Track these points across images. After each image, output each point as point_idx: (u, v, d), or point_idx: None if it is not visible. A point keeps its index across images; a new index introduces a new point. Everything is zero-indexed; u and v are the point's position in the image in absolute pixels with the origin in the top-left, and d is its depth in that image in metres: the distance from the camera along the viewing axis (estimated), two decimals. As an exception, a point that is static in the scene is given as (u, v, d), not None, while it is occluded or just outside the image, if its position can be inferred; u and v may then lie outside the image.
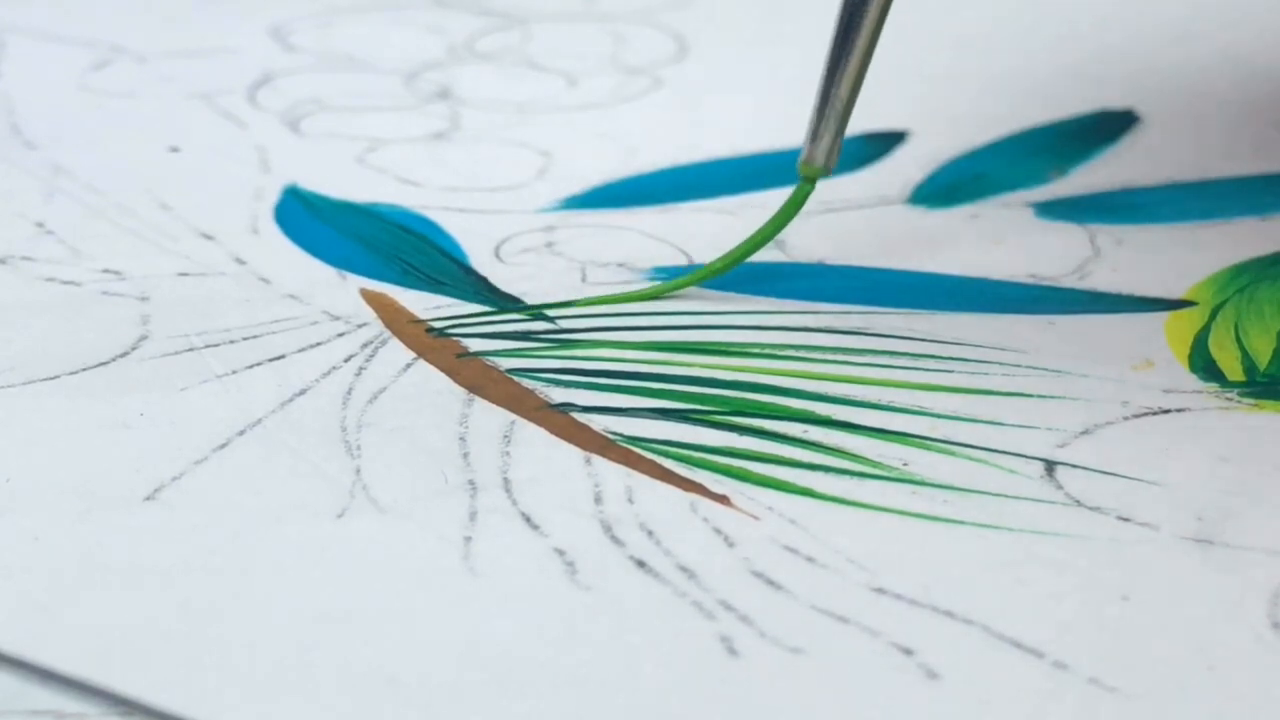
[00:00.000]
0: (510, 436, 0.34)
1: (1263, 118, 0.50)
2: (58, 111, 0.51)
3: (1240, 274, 0.40)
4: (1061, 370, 0.37)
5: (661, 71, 0.54)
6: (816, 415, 0.35)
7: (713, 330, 0.38)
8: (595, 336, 0.38)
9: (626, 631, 0.29)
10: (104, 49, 0.55)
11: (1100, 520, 0.32)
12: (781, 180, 0.46)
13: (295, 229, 0.43)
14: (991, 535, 0.31)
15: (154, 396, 0.36)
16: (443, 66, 0.54)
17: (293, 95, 0.52)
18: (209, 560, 0.31)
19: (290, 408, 0.35)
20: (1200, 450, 0.34)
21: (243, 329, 0.38)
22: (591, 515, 0.32)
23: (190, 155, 0.48)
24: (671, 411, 0.35)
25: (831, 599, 0.30)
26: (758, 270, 0.41)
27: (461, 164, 0.47)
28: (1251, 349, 0.37)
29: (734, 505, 0.32)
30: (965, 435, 0.34)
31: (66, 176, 0.46)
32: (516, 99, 0.52)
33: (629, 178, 0.46)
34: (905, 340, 0.38)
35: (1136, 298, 0.40)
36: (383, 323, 0.38)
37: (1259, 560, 0.31)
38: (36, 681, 0.28)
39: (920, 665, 0.28)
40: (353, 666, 0.28)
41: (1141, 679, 0.28)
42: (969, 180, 0.46)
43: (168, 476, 0.33)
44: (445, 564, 0.31)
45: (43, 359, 0.37)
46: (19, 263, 0.41)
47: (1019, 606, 0.29)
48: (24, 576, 0.30)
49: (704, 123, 0.50)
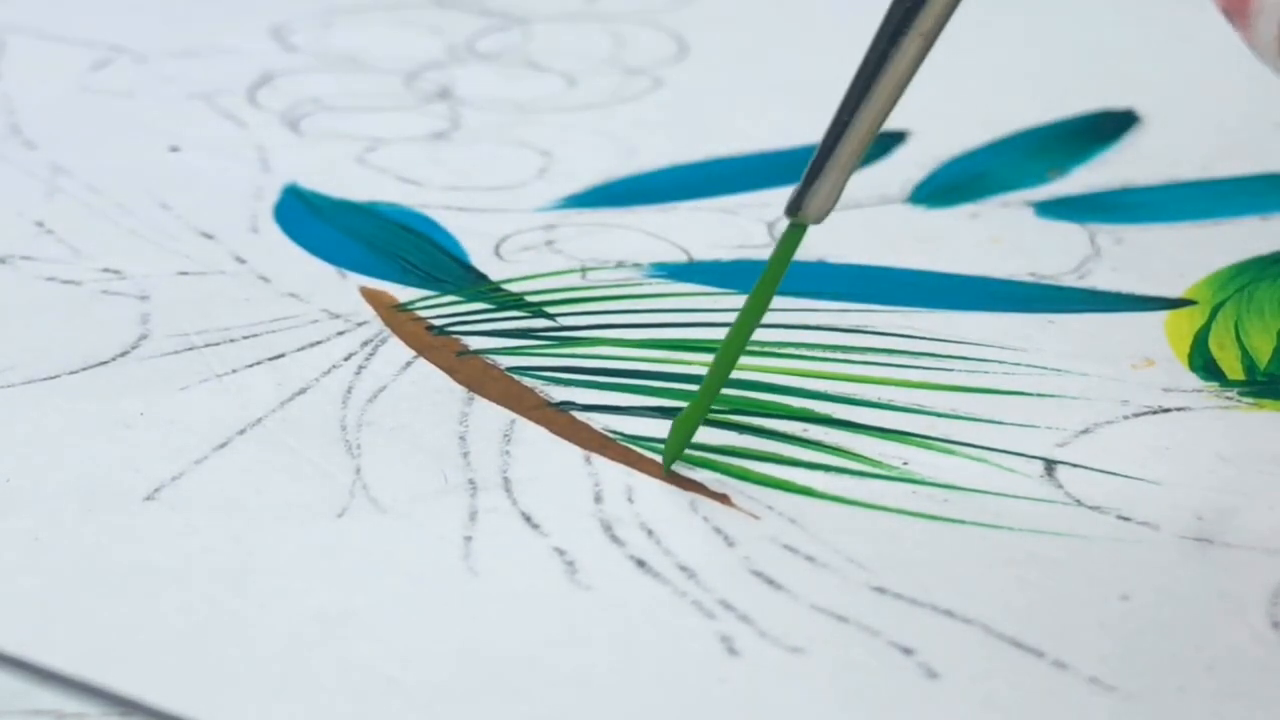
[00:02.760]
0: (510, 435, 0.34)
1: (1263, 118, 0.50)
2: (58, 111, 0.51)
3: (1240, 273, 0.40)
4: (1061, 369, 0.37)
5: (661, 71, 0.54)
6: (816, 414, 0.35)
7: (713, 329, 0.38)
8: (595, 334, 0.38)
9: (626, 631, 0.29)
10: (104, 49, 0.55)
11: (1100, 520, 0.32)
12: (781, 180, 0.46)
13: (295, 228, 0.43)
14: (991, 535, 0.31)
15: (154, 396, 0.36)
16: (443, 66, 0.54)
17: (293, 95, 0.52)
18: (209, 560, 0.31)
19: (290, 407, 0.35)
20: (1200, 450, 0.34)
21: (243, 328, 0.38)
22: (591, 514, 0.32)
23: (190, 155, 0.48)
24: (672, 410, 0.35)
25: (831, 599, 0.30)
26: (758, 269, 0.41)
27: (461, 163, 0.47)
28: (1251, 348, 0.37)
29: (734, 504, 0.32)
30: (965, 434, 0.34)
31: (66, 176, 0.46)
32: (516, 99, 0.52)
33: (628, 177, 0.46)
34: (905, 339, 0.38)
35: (1136, 296, 0.40)
36: (382, 321, 0.38)
37: (1259, 560, 0.31)
38: (36, 681, 0.28)
39: (920, 665, 0.28)
40: (353, 666, 0.28)
41: (1141, 679, 0.28)
42: (969, 180, 0.46)
43: (168, 476, 0.33)
44: (445, 564, 0.31)
45: (43, 359, 0.37)
46: (19, 262, 0.41)
47: (1019, 606, 0.29)
48: (24, 576, 0.30)
49: (704, 123, 0.50)
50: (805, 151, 0.48)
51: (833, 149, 0.32)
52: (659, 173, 0.47)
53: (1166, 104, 0.49)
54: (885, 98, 0.32)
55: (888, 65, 0.31)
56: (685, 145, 0.48)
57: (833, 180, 0.32)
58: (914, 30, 0.31)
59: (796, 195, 0.32)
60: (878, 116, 0.32)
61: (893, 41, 0.31)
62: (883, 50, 0.31)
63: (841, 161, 0.32)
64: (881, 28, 0.32)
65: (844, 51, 0.57)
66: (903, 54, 0.31)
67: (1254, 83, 0.53)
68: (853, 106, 0.32)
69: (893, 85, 0.31)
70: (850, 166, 0.32)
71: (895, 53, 0.31)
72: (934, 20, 0.31)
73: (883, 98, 0.32)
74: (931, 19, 0.31)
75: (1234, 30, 0.35)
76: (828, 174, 0.32)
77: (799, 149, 0.48)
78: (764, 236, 0.43)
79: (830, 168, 0.32)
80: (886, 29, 0.31)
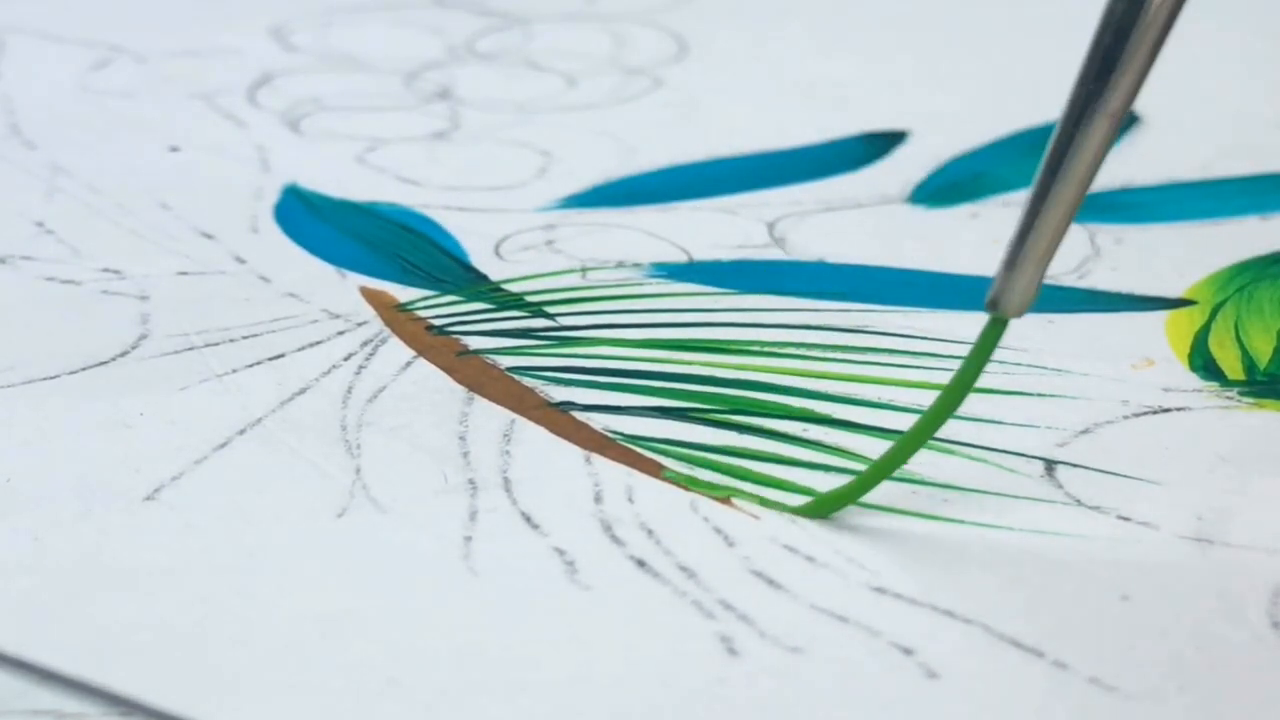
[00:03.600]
0: (510, 435, 0.34)
1: (1263, 118, 0.50)
2: (58, 111, 0.51)
3: (1240, 273, 0.40)
4: (1062, 369, 0.37)
5: (661, 71, 0.54)
6: (817, 414, 0.35)
7: (713, 328, 0.38)
8: (595, 334, 0.38)
9: (626, 631, 0.29)
10: (104, 49, 0.55)
11: (1100, 520, 0.32)
12: (781, 180, 0.46)
13: (295, 228, 0.43)
14: (991, 535, 0.31)
15: (154, 396, 0.36)
16: (443, 66, 0.54)
17: (293, 95, 0.52)
18: (209, 560, 0.31)
19: (290, 407, 0.35)
20: (1200, 449, 0.34)
21: (243, 328, 0.38)
22: (591, 514, 0.32)
23: (190, 155, 0.48)
24: (672, 410, 0.35)
25: (831, 599, 0.30)
26: (758, 269, 0.41)
27: (461, 163, 0.47)
28: (1251, 348, 0.37)
29: (734, 504, 0.32)
30: (965, 434, 0.34)
31: (66, 176, 0.46)
32: (516, 99, 0.52)
33: (628, 177, 0.46)
34: (905, 339, 0.38)
35: (1136, 296, 0.40)
36: (382, 321, 0.38)
37: (1259, 559, 0.31)
38: (36, 681, 0.28)
39: (920, 665, 0.28)
40: (353, 666, 0.28)
41: (1141, 679, 0.28)
42: (969, 180, 0.46)
43: (168, 476, 0.33)
44: (445, 564, 0.31)
45: (43, 359, 0.37)
46: (19, 262, 0.41)
47: (1019, 606, 0.29)
48: (24, 576, 0.30)
49: (704, 123, 0.50)
50: (806, 151, 0.48)
51: (1026, 238, 0.30)
52: (659, 173, 0.47)
53: (1166, 104, 0.49)
54: (1077, 183, 0.30)
55: (1077, 149, 0.30)
56: (685, 145, 0.48)
57: (1030, 272, 0.30)
58: (1102, 111, 0.30)
59: (996, 289, 0.31)
60: (1072, 203, 0.30)
61: (1078, 125, 0.30)
62: (1070, 133, 0.30)
63: (1039, 252, 0.30)
64: (1068, 110, 0.30)
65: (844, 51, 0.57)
66: (1092, 136, 0.30)
67: (1254, 83, 0.53)
68: (1043, 194, 0.30)
69: (1084, 169, 0.30)
70: (1048, 257, 0.30)
71: (1083, 135, 0.30)
72: (1121, 100, 0.30)
73: (1074, 183, 0.30)
74: (1119, 99, 0.30)
75: None
76: (1024, 265, 0.30)
77: (799, 149, 0.48)
78: (764, 236, 0.43)
79: (1026, 258, 0.30)
80: (1073, 112, 0.30)
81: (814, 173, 0.46)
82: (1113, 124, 0.30)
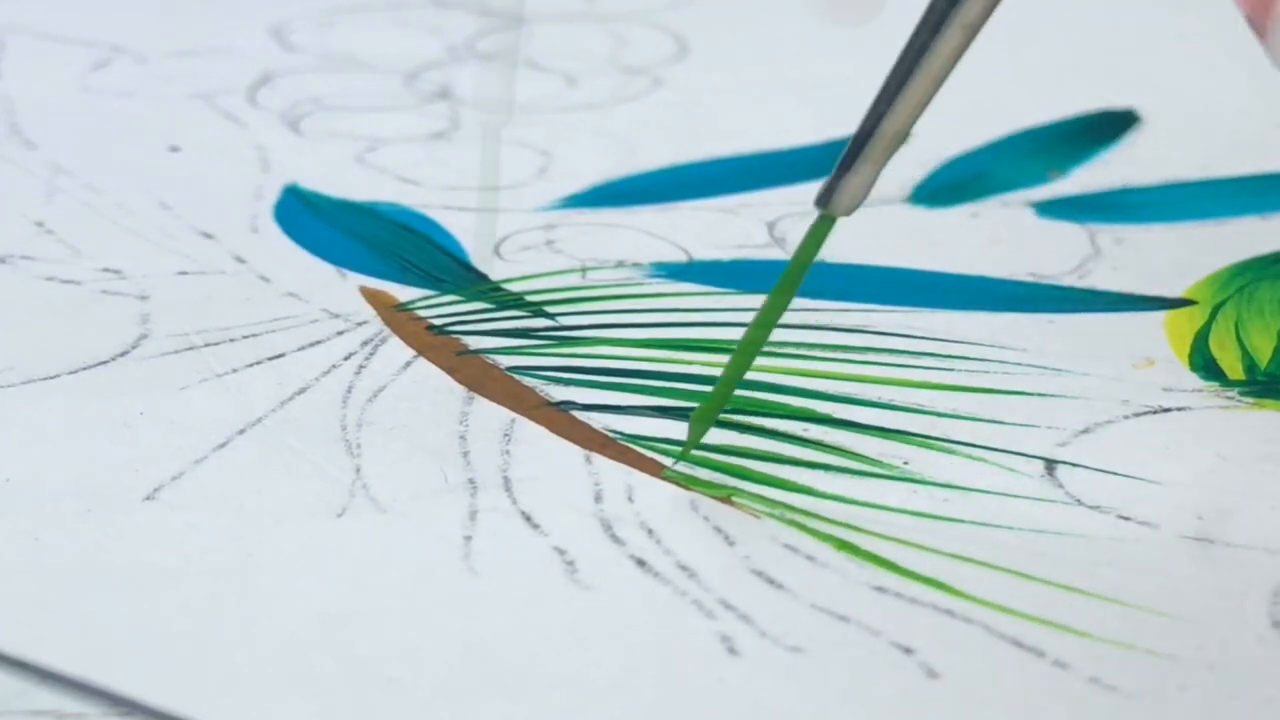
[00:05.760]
0: (510, 435, 0.34)
1: (1263, 118, 0.50)
2: (58, 111, 0.51)
3: (1240, 273, 0.40)
4: (1062, 369, 0.37)
5: (661, 71, 0.54)
6: (817, 413, 0.35)
7: (713, 328, 0.38)
8: (595, 334, 0.38)
9: (626, 631, 0.29)
10: (104, 49, 0.55)
11: (1100, 519, 0.32)
12: (781, 180, 0.46)
13: (295, 228, 0.43)
14: (991, 535, 0.31)
15: (154, 396, 0.36)
16: (443, 66, 0.54)
17: (293, 95, 0.52)
18: (209, 560, 0.31)
19: (290, 406, 0.35)
20: (1200, 449, 0.34)
21: (242, 328, 0.38)
22: (591, 514, 0.32)
23: (190, 155, 0.48)
24: (672, 410, 0.35)
25: (831, 599, 0.30)
26: (758, 268, 0.41)
27: (461, 163, 0.47)
28: (1252, 348, 0.37)
29: (734, 504, 0.32)
30: (965, 434, 0.34)
31: (66, 176, 0.46)
32: (516, 99, 0.52)
33: (628, 177, 0.46)
34: (905, 338, 0.38)
35: (1137, 296, 0.40)
36: (382, 321, 0.38)
37: (1259, 559, 0.31)
38: (36, 681, 0.28)
39: (920, 665, 0.28)
40: (353, 666, 0.28)
41: (1141, 679, 0.28)
42: (969, 180, 0.46)
43: (168, 476, 0.33)
44: (445, 563, 0.31)
45: (43, 359, 0.37)
46: (19, 262, 0.41)
47: (1019, 606, 0.29)
48: (24, 576, 0.30)
49: (704, 123, 0.50)
50: (806, 151, 0.48)
51: (866, 141, 0.31)
52: (659, 173, 0.47)
53: (1166, 104, 0.49)
54: (922, 91, 0.31)
55: (927, 58, 0.30)
56: (685, 145, 0.48)
57: (864, 174, 0.31)
58: (956, 22, 0.30)
59: (827, 187, 0.32)
60: (914, 110, 0.31)
61: (934, 33, 0.30)
62: (923, 42, 0.30)
63: (874, 155, 0.31)
64: (923, 19, 0.31)
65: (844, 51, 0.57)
66: (942, 47, 0.30)
67: (1254, 83, 0.53)
68: (889, 99, 0.31)
69: (930, 79, 0.31)
70: (883, 160, 0.31)
71: (935, 45, 0.30)
72: (978, 12, 0.30)
73: (919, 91, 0.31)
74: (976, 11, 0.30)
75: (1257, 41, 0.35)
76: (859, 167, 0.31)
77: (799, 149, 0.48)
78: (764, 236, 0.43)
79: (862, 161, 0.31)
80: (929, 20, 0.30)
81: (814, 173, 0.46)
82: (965, 36, 0.30)
